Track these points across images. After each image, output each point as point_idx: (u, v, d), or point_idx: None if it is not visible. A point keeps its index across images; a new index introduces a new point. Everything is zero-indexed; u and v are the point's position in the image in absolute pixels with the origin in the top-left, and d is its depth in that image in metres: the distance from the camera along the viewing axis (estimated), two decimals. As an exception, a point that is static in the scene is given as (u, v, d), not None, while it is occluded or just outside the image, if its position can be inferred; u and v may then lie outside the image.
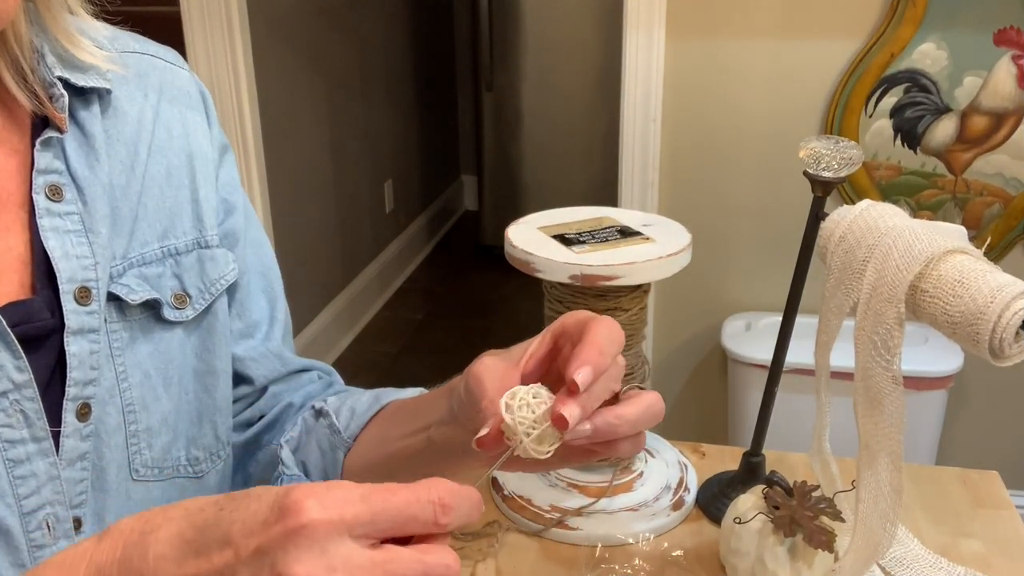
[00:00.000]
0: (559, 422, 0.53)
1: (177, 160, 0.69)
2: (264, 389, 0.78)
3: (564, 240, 0.95)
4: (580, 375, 0.53)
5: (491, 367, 0.57)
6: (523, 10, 3.58)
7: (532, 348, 0.59)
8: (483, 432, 0.54)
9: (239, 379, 0.76)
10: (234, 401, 0.77)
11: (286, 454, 0.73)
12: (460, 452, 0.61)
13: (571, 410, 0.53)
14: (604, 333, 0.55)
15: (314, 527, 0.39)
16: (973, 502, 1.01)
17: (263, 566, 0.39)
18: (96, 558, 0.42)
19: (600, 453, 0.58)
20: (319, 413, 0.75)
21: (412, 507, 0.41)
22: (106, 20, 0.67)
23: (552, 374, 0.59)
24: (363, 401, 0.75)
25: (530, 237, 0.96)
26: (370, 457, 0.72)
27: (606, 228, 0.98)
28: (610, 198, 2.34)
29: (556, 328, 0.59)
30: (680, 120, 2.02)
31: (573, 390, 0.53)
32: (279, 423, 0.78)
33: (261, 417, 0.78)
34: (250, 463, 0.78)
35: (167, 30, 1.74)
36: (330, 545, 0.39)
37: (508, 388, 0.55)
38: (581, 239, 0.95)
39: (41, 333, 0.58)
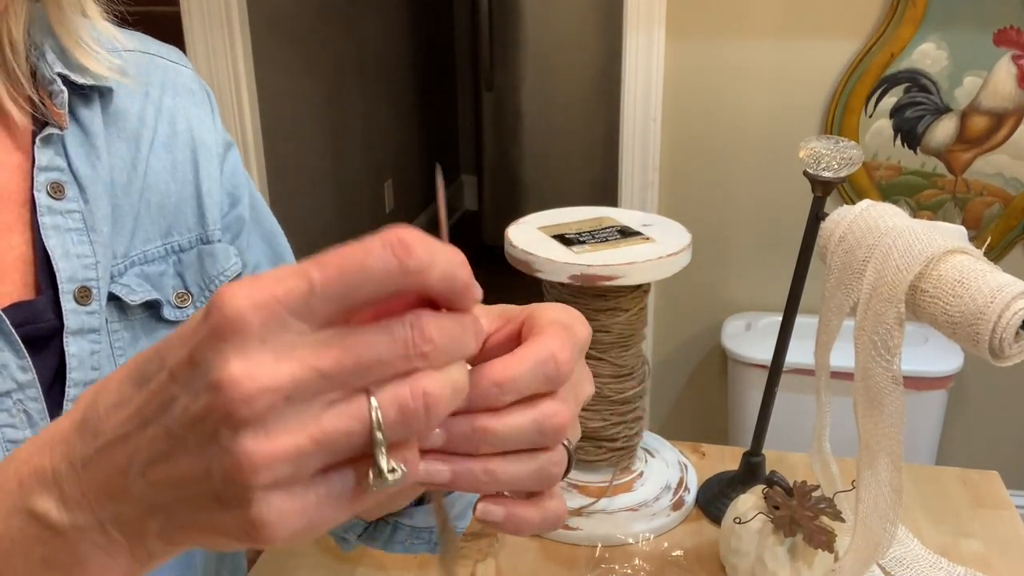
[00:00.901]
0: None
1: (181, 155, 0.69)
2: None
3: (564, 240, 0.95)
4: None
5: None
6: (523, 10, 3.58)
7: (497, 322, 0.46)
8: None
9: None
10: None
11: None
12: None
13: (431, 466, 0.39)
14: (529, 363, 0.39)
15: (242, 315, 0.31)
16: (973, 502, 1.01)
17: (196, 378, 0.32)
18: (61, 428, 0.38)
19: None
20: None
21: (361, 258, 0.32)
22: (117, 22, 0.67)
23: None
24: None
25: (530, 237, 0.96)
26: None
27: (606, 228, 0.98)
28: (610, 198, 2.34)
29: (528, 317, 0.44)
30: (680, 120, 2.02)
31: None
32: None
33: None
34: None
35: (167, 30, 1.74)
36: (268, 334, 0.31)
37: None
38: (581, 239, 0.95)
39: (45, 333, 0.58)
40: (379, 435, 0.33)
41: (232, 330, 0.32)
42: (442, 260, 0.34)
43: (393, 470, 0.34)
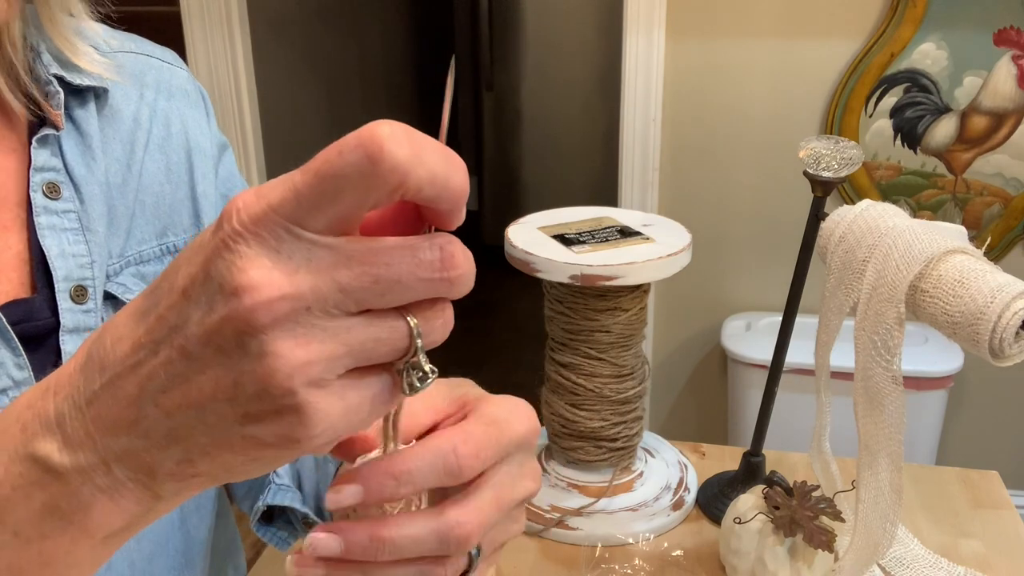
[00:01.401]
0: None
1: (176, 157, 0.69)
2: None
3: (564, 240, 0.95)
4: (332, 498, 0.38)
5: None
6: (523, 10, 3.58)
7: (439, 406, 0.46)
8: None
9: None
10: None
11: None
12: None
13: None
14: (428, 456, 0.38)
15: (248, 227, 0.31)
16: (973, 502, 1.01)
17: (211, 290, 0.31)
18: (65, 371, 0.36)
19: None
20: None
21: (334, 163, 0.31)
22: (106, 20, 0.67)
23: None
24: None
25: (530, 237, 0.96)
26: None
27: (606, 228, 0.98)
28: (610, 198, 2.34)
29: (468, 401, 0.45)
30: (680, 120, 2.02)
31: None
32: None
33: None
34: None
35: (167, 30, 1.75)
36: (282, 244, 0.31)
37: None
38: (581, 239, 0.95)
39: (41, 332, 0.58)
40: (419, 342, 0.33)
41: (242, 241, 0.31)
42: (430, 161, 0.32)
43: (434, 371, 0.34)
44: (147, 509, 0.36)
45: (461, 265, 0.33)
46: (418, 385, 0.34)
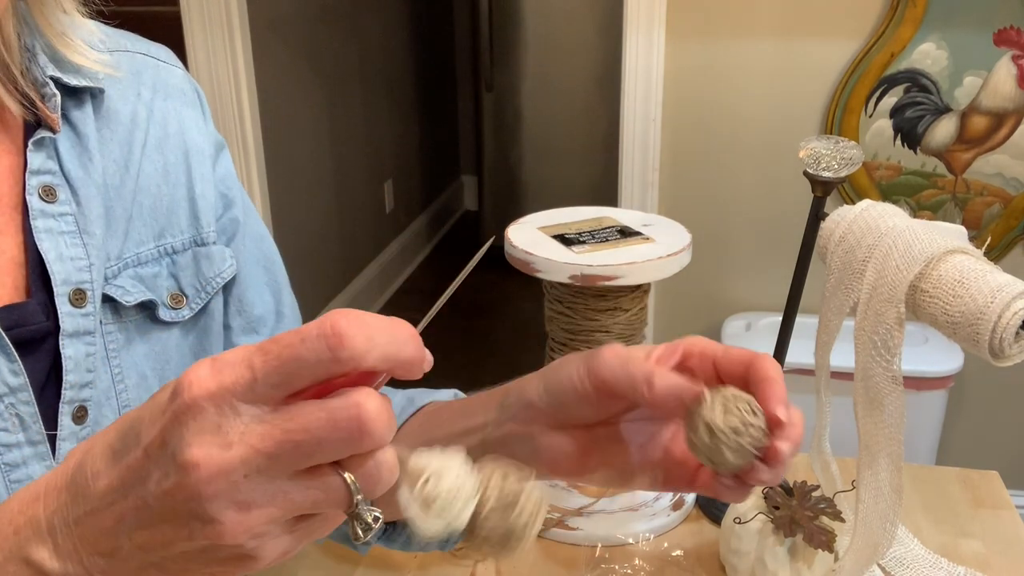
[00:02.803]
0: (775, 423, 0.47)
1: (174, 157, 0.69)
2: None
3: (564, 240, 0.95)
4: (785, 412, 0.47)
5: (619, 353, 0.51)
6: (523, 10, 3.58)
7: (658, 354, 0.51)
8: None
9: None
10: None
11: None
12: (519, 453, 0.57)
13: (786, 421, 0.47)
14: (781, 385, 0.48)
15: (198, 403, 0.36)
16: (973, 502, 1.01)
17: (165, 458, 0.36)
18: (52, 485, 0.41)
19: (703, 487, 0.51)
20: None
21: (297, 349, 0.35)
22: (105, 20, 0.66)
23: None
24: (396, 402, 0.72)
25: (530, 237, 0.96)
26: None
27: (606, 228, 0.98)
28: (610, 198, 2.34)
29: (690, 347, 0.52)
30: (680, 120, 2.02)
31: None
32: None
33: None
34: None
35: (167, 30, 1.74)
36: (222, 419, 0.35)
37: (667, 371, 0.49)
38: (581, 239, 0.95)
39: (36, 336, 0.58)
40: (358, 498, 0.37)
41: (191, 414, 0.36)
42: (382, 343, 0.36)
43: (376, 519, 0.38)
44: None
45: (375, 419, 0.36)
46: (360, 534, 0.38)
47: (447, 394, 0.74)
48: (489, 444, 0.59)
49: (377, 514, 0.38)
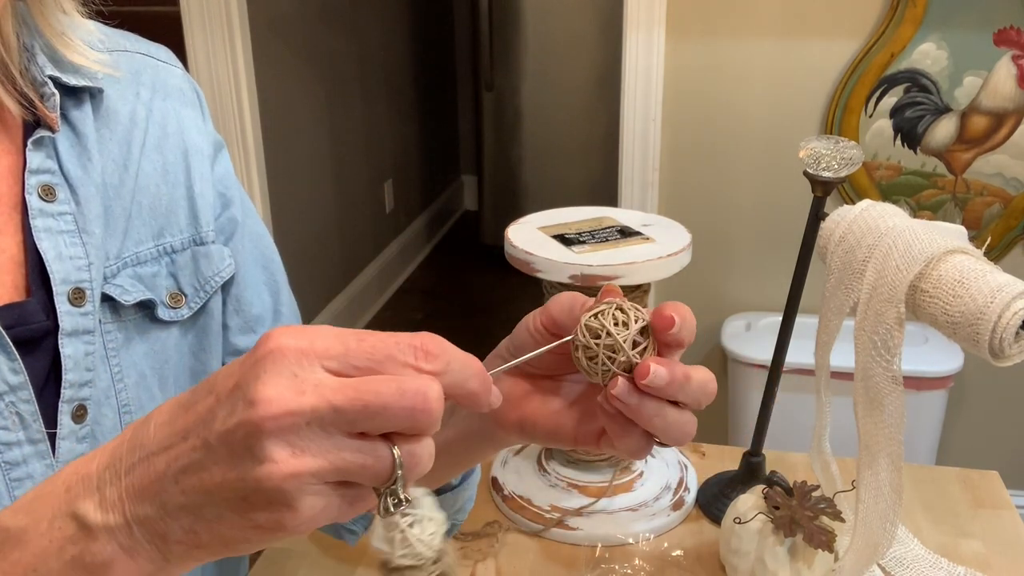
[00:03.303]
0: (661, 322, 0.48)
1: (173, 157, 0.69)
2: None
3: (564, 240, 0.95)
4: (675, 313, 0.48)
5: (572, 295, 0.54)
6: (523, 10, 3.58)
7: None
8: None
9: None
10: None
11: None
12: (480, 445, 0.61)
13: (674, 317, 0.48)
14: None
15: (282, 351, 0.39)
16: (973, 502, 1.01)
17: (237, 400, 0.39)
18: (109, 446, 0.43)
19: (609, 441, 0.52)
20: None
21: (390, 346, 0.40)
22: (105, 20, 0.66)
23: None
24: None
25: (530, 237, 0.96)
26: None
27: (606, 228, 0.98)
28: (610, 198, 2.34)
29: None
30: (680, 120, 2.02)
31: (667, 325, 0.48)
32: None
33: None
34: None
35: (167, 30, 1.75)
36: (300, 370, 0.39)
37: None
38: (581, 239, 0.95)
39: (36, 335, 0.58)
40: (399, 472, 0.40)
41: (271, 359, 0.39)
42: (455, 371, 0.41)
43: (407, 500, 0.41)
44: (158, 569, 0.43)
45: (436, 403, 0.40)
46: (391, 510, 0.40)
47: None
48: (452, 443, 0.61)
49: (407, 496, 0.40)
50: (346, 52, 3.21)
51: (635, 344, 0.48)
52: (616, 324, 0.48)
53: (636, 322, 0.48)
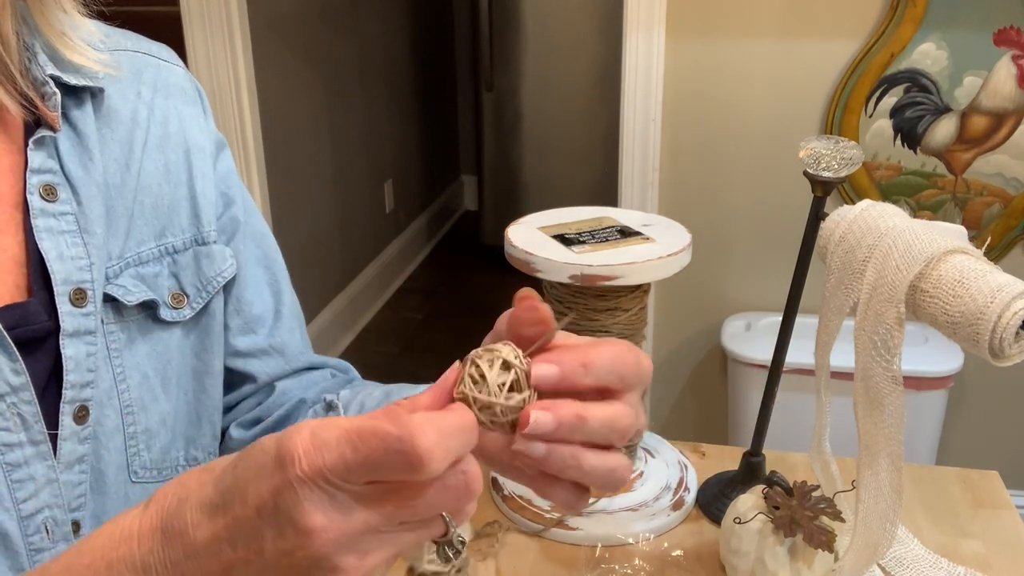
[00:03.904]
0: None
1: (175, 156, 0.69)
2: (271, 387, 0.76)
3: (564, 240, 0.95)
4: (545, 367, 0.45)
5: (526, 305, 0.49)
6: (523, 10, 3.58)
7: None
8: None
9: (242, 376, 0.75)
10: (241, 400, 0.76)
11: None
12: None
13: (542, 368, 0.44)
14: (607, 355, 0.45)
15: (310, 477, 0.39)
16: (973, 502, 1.01)
17: (281, 521, 0.39)
18: (145, 526, 0.43)
19: (542, 486, 0.47)
20: (329, 406, 0.73)
21: (381, 459, 0.39)
22: (105, 20, 0.66)
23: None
24: (374, 396, 0.73)
25: (530, 237, 0.96)
26: None
27: (606, 228, 0.98)
28: (610, 198, 2.34)
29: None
30: (680, 120, 2.02)
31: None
32: (290, 420, 0.76)
33: (270, 415, 0.76)
34: None
35: (167, 30, 1.74)
36: (337, 493, 0.39)
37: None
38: (581, 239, 0.95)
39: (38, 335, 0.58)
40: (453, 529, 0.42)
41: (306, 487, 0.39)
42: (456, 449, 0.40)
43: (463, 542, 0.44)
44: None
45: (478, 481, 0.41)
46: (452, 559, 0.44)
47: (424, 388, 0.73)
48: None
49: (464, 537, 0.43)
50: (346, 52, 3.21)
51: (514, 389, 0.43)
52: (491, 367, 0.43)
53: (508, 369, 0.43)
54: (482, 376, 0.43)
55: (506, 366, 0.43)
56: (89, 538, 0.45)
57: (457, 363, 0.44)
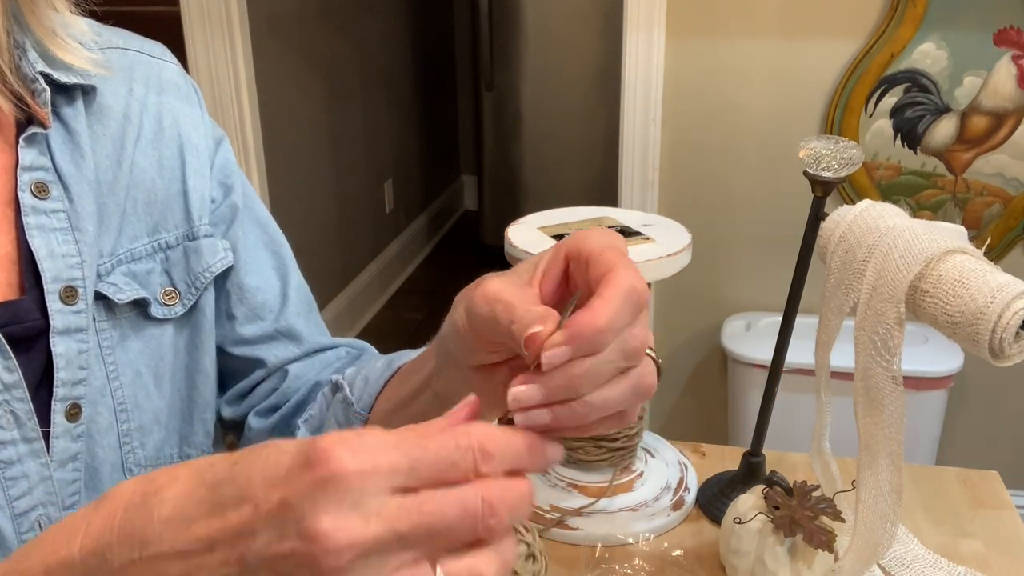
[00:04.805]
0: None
1: (169, 151, 0.68)
2: (284, 371, 0.75)
3: (564, 240, 0.95)
4: (548, 356, 0.41)
5: (505, 287, 0.46)
6: (523, 10, 3.58)
7: (543, 266, 0.48)
8: (535, 330, 0.42)
9: (253, 363, 0.74)
10: (254, 386, 0.75)
11: (303, 434, 0.71)
12: (463, 395, 0.56)
13: (520, 391, 0.42)
14: (618, 301, 0.41)
15: (346, 477, 0.35)
16: (973, 502, 1.01)
17: (287, 522, 0.35)
18: (94, 525, 0.39)
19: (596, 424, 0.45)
20: (335, 387, 0.72)
21: (451, 451, 0.37)
22: (104, 19, 0.66)
23: (564, 297, 0.48)
24: (376, 368, 0.70)
25: (530, 237, 0.96)
26: (387, 424, 0.68)
27: (606, 228, 0.98)
28: (610, 198, 2.34)
29: (572, 250, 0.47)
30: (680, 120, 2.02)
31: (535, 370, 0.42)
32: (306, 404, 0.74)
33: (287, 401, 0.75)
34: None
35: (167, 30, 1.74)
36: (364, 496, 0.35)
37: (531, 307, 0.44)
38: (581, 239, 0.95)
39: (30, 333, 0.58)
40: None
41: (334, 486, 0.34)
42: (509, 458, 0.38)
43: None
44: None
45: (500, 513, 0.37)
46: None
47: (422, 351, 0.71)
48: (441, 396, 0.58)
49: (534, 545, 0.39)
50: (346, 52, 3.21)
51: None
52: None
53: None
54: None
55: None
56: (35, 540, 0.41)
57: (472, 396, 0.43)
